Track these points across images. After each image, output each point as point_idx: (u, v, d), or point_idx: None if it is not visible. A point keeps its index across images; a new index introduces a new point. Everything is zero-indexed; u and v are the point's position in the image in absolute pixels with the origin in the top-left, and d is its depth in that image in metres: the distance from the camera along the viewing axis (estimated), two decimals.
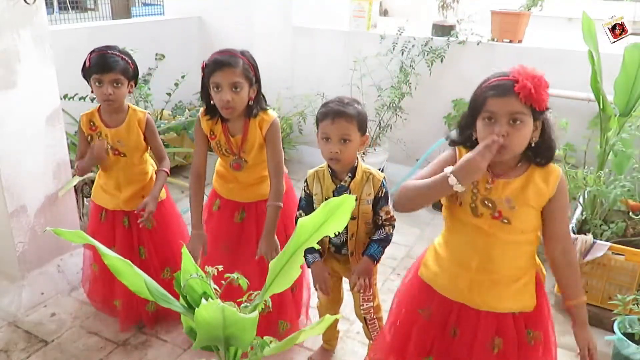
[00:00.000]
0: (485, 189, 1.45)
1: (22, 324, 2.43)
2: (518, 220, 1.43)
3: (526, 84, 1.33)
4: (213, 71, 1.88)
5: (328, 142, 1.79)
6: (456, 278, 1.53)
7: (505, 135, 1.35)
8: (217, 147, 2.07)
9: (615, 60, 2.60)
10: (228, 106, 1.89)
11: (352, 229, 1.87)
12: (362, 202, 1.84)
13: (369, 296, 1.97)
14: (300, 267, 1.40)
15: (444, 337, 1.58)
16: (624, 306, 2.17)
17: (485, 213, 1.45)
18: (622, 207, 2.67)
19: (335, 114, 1.76)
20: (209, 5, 4.58)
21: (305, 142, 4.28)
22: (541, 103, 1.35)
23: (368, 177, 1.84)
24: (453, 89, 3.72)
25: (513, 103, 1.35)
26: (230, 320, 1.28)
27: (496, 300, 1.50)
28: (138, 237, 2.31)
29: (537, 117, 1.39)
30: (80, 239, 1.41)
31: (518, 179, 1.44)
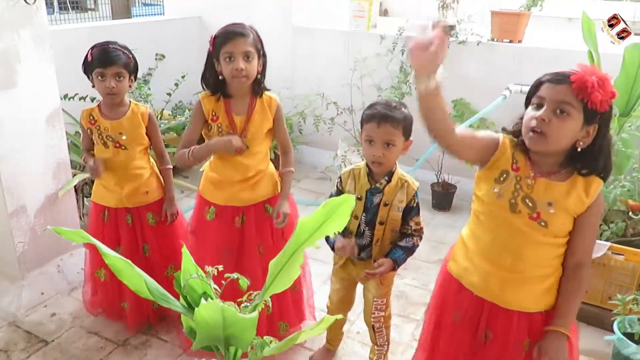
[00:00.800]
0: (527, 186, 1.40)
1: (22, 324, 2.43)
2: (555, 224, 1.39)
3: (583, 76, 1.28)
4: (225, 41, 1.88)
5: (372, 144, 1.78)
6: (487, 276, 1.48)
7: (546, 121, 1.31)
8: (218, 131, 2.00)
9: (615, 60, 2.60)
10: (242, 74, 1.89)
11: (379, 234, 1.85)
12: (393, 207, 1.82)
13: (382, 305, 1.97)
14: (300, 267, 1.40)
15: (475, 343, 1.53)
16: (624, 306, 2.17)
17: (524, 211, 1.40)
18: (622, 207, 2.67)
19: (381, 118, 1.74)
20: (209, 5, 4.58)
21: (305, 142, 4.28)
22: (594, 100, 1.28)
23: (403, 184, 1.83)
24: (453, 89, 3.71)
25: (564, 92, 1.30)
26: (230, 320, 1.28)
27: (527, 299, 1.46)
28: (142, 234, 2.31)
29: (590, 119, 1.32)
30: (81, 238, 1.41)
31: (562, 183, 1.39)
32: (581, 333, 2.44)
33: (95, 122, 2.20)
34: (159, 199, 2.33)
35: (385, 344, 2.06)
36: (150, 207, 2.30)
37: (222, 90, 1.98)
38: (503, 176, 1.43)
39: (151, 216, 2.31)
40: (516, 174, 1.42)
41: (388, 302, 2.00)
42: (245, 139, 2.00)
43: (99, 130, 2.20)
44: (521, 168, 1.42)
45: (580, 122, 1.31)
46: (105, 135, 2.19)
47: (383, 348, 2.07)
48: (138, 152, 2.24)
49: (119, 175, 2.23)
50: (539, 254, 1.43)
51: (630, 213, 2.61)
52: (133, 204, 2.26)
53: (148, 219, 2.30)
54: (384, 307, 1.98)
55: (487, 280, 1.48)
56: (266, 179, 2.12)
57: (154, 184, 2.31)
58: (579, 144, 1.34)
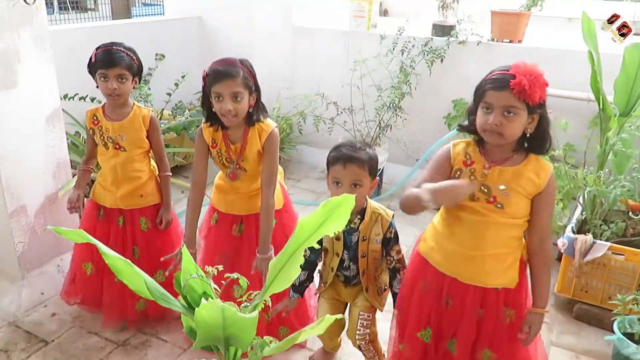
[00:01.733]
0: (481, 176, 1.58)
1: (22, 324, 2.43)
2: (510, 206, 1.56)
3: (521, 81, 1.44)
4: (213, 82, 1.90)
5: (339, 186, 1.80)
6: (450, 254, 1.66)
7: (498, 124, 1.49)
8: (218, 156, 2.08)
9: (615, 60, 2.60)
10: (230, 115, 1.92)
11: (363, 266, 1.91)
12: (371, 241, 1.88)
13: (368, 322, 1.97)
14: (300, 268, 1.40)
15: (439, 307, 1.72)
16: (624, 306, 2.17)
17: (481, 198, 1.58)
18: (622, 207, 2.67)
19: (347, 159, 1.77)
20: (209, 5, 4.58)
21: (305, 142, 4.28)
22: (534, 99, 1.45)
23: (377, 217, 1.87)
24: (453, 89, 3.72)
25: (508, 97, 1.47)
26: (230, 320, 1.29)
27: (484, 276, 1.63)
28: (133, 237, 2.31)
29: (532, 111, 1.50)
30: (81, 238, 1.41)
31: (512, 168, 1.56)
32: (581, 333, 2.45)
33: (98, 122, 2.22)
34: (153, 204, 2.32)
35: (375, 356, 2.05)
36: (144, 211, 2.30)
37: (219, 122, 2.02)
38: (457, 174, 1.63)
39: (144, 221, 2.30)
40: (470, 168, 1.61)
41: (374, 320, 2.00)
42: (242, 163, 2.06)
43: (101, 131, 2.21)
44: (475, 161, 1.61)
45: (525, 115, 1.50)
46: (107, 136, 2.20)
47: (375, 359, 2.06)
48: (137, 154, 2.24)
49: (116, 175, 2.23)
50: (498, 234, 1.59)
51: (630, 213, 2.61)
52: (127, 205, 2.27)
53: (141, 223, 2.30)
54: (369, 324, 1.97)
55: (448, 258, 1.67)
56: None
57: (151, 189, 2.30)
58: (527, 131, 1.54)
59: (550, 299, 2.64)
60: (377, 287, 1.96)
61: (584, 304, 2.52)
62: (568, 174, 2.63)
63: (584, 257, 2.41)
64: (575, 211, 2.76)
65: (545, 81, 1.48)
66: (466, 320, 1.68)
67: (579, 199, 2.72)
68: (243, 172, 2.07)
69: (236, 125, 2.02)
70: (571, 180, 2.64)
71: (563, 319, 2.56)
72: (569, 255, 2.47)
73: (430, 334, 1.76)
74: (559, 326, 2.51)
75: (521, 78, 1.44)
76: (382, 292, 1.99)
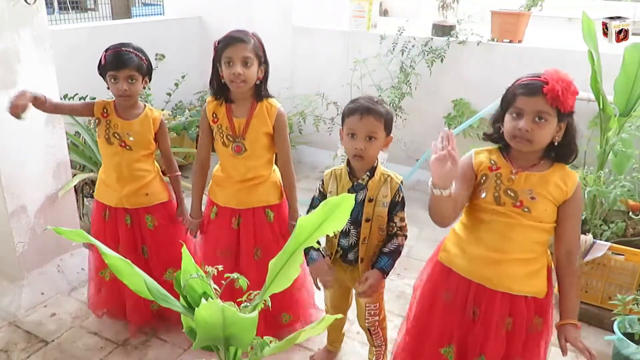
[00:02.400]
0: (508, 180, 1.55)
1: (22, 324, 2.43)
2: (537, 210, 1.53)
3: (554, 87, 1.43)
4: (226, 46, 1.93)
5: (354, 138, 1.76)
6: (474, 259, 1.60)
7: (529, 130, 1.46)
8: (219, 132, 2.06)
9: (615, 60, 2.60)
10: (239, 79, 1.93)
11: (365, 232, 1.83)
12: (377, 204, 1.81)
13: (375, 310, 1.96)
14: (299, 266, 1.40)
15: (464, 321, 1.65)
16: (624, 306, 2.17)
17: (507, 202, 1.55)
18: (622, 207, 2.67)
19: (364, 111, 1.74)
20: (209, 5, 4.58)
21: (305, 142, 4.28)
22: (566, 106, 1.44)
23: (386, 178, 1.82)
24: (453, 89, 3.72)
25: (540, 102, 1.45)
26: (230, 320, 1.28)
27: (511, 281, 1.57)
28: (141, 236, 2.31)
29: (561, 119, 1.48)
30: (81, 238, 1.41)
31: (539, 173, 1.54)
32: (581, 333, 2.45)
33: (107, 115, 2.19)
34: (159, 202, 2.31)
35: (382, 344, 2.06)
36: (149, 210, 2.29)
37: (225, 95, 2.03)
38: (483, 179, 1.60)
39: (149, 219, 2.29)
40: (495, 173, 1.58)
41: (381, 306, 1.99)
42: (244, 140, 2.04)
43: (108, 125, 2.18)
44: (501, 167, 1.58)
45: (555, 122, 1.48)
46: (113, 131, 2.17)
47: (381, 348, 2.07)
48: (142, 155, 2.23)
49: (120, 172, 2.21)
50: (524, 236, 1.55)
51: (630, 213, 2.60)
52: (132, 204, 2.25)
53: (147, 221, 2.30)
54: (377, 312, 1.96)
55: (474, 263, 1.61)
56: (267, 185, 2.14)
57: (156, 188, 2.29)
58: (555, 140, 1.51)
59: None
60: (372, 262, 1.86)
61: (584, 304, 2.52)
62: None
63: (584, 257, 2.41)
64: None
65: (576, 89, 1.46)
66: (494, 333, 1.60)
67: None
68: (244, 151, 2.06)
69: (242, 99, 2.02)
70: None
71: None
72: None
73: (453, 352, 1.67)
74: None
75: (554, 84, 1.43)
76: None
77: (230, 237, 2.16)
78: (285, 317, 2.25)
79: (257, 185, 2.11)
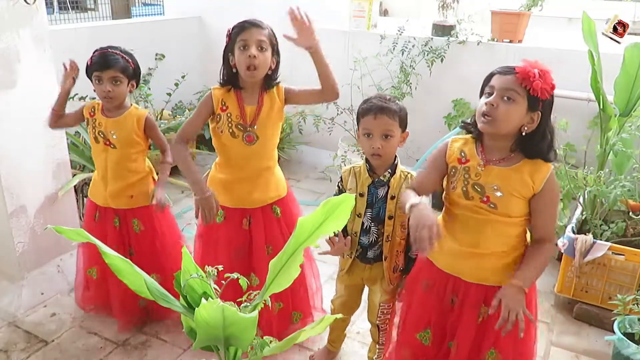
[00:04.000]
0: (476, 175, 1.57)
1: (22, 324, 2.43)
2: (504, 206, 1.55)
3: (526, 67, 1.46)
4: (241, 30, 1.93)
5: (370, 137, 1.78)
6: (451, 253, 1.64)
7: (494, 104, 1.48)
8: (227, 122, 1.99)
9: (615, 60, 2.60)
10: (253, 63, 1.91)
11: (389, 229, 1.82)
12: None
13: (389, 309, 1.96)
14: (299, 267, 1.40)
15: (442, 307, 1.70)
16: (624, 306, 2.17)
17: (475, 197, 1.58)
18: (622, 207, 2.67)
19: (378, 110, 1.76)
20: (209, 5, 4.58)
21: (305, 142, 4.27)
22: (536, 88, 1.45)
23: (406, 176, 1.83)
24: (453, 89, 3.72)
25: (510, 81, 1.48)
26: (230, 320, 1.29)
27: (487, 273, 1.62)
28: (128, 239, 2.31)
29: (533, 106, 1.49)
30: (81, 237, 1.41)
31: (507, 168, 1.55)
32: (581, 333, 2.45)
33: (93, 114, 2.22)
34: (144, 205, 2.29)
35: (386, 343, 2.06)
36: (135, 212, 2.29)
37: (234, 83, 2.00)
38: (452, 171, 1.64)
39: (136, 222, 2.30)
40: (464, 166, 1.60)
41: (394, 308, 1.96)
42: (255, 129, 2.01)
43: (94, 124, 2.21)
44: (470, 159, 1.60)
45: (525, 107, 1.48)
46: (98, 130, 2.20)
47: (383, 347, 2.06)
48: (133, 153, 2.22)
49: (105, 171, 2.23)
50: (496, 231, 1.58)
51: (631, 213, 2.60)
52: (117, 205, 2.26)
53: (133, 225, 2.30)
54: (389, 311, 1.96)
55: (450, 257, 1.66)
56: (275, 180, 2.13)
57: (142, 190, 2.27)
58: (523, 129, 1.51)
59: (550, 299, 2.65)
60: (394, 265, 1.87)
61: (584, 304, 2.52)
62: (568, 174, 2.63)
63: (584, 257, 2.41)
64: (575, 211, 2.76)
65: (553, 81, 1.48)
66: (466, 320, 1.65)
67: (579, 199, 2.72)
68: (257, 139, 2.01)
69: (251, 87, 2.00)
70: (571, 180, 2.64)
71: (563, 319, 2.55)
72: (569, 255, 2.47)
73: (429, 336, 1.73)
74: (559, 326, 2.51)
75: (527, 66, 1.46)
76: (397, 271, 1.89)
77: (242, 237, 2.13)
78: (296, 316, 2.25)
79: (268, 179, 2.09)
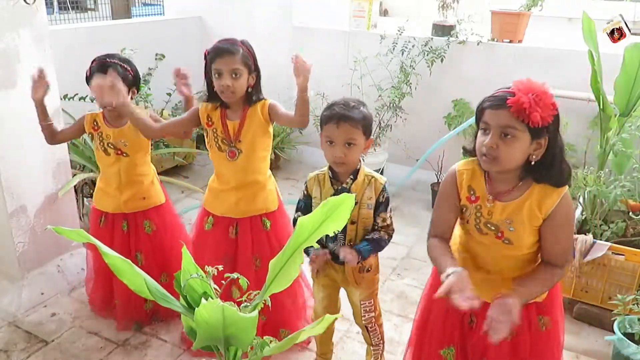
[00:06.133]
0: (488, 213, 1.50)
1: (22, 324, 2.43)
2: (518, 240, 1.48)
3: (520, 98, 1.32)
4: (214, 58, 1.94)
5: (332, 145, 1.75)
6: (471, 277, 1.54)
7: (494, 147, 1.37)
8: (213, 136, 2.06)
9: (615, 60, 2.60)
10: (228, 91, 1.94)
11: (351, 234, 1.82)
12: (362, 205, 1.79)
13: (370, 307, 1.96)
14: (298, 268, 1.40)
15: (462, 326, 1.64)
16: (624, 306, 2.17)
17: (490, 233, 1.52)
18: (622, 207, 2.67)
19: (340, 118, 1.71)
20: (209, 5, 4.58)
21: (305, 142, 4.28)
22: (534, 119, 1.32)
23: (370, 180, 1.81)
24: (453, 89, 3.72)
25: (504, 116, 1.35)
26: (230, 320, 1.29)
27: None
28: (135, 242, 2.32)
29: (536, 135, 1.37)
30: (81, 238, 1.41)
31: (514, 202, 1.47)
32: (581, 333, 2.45)
33: (98, 128, 2.22)
34: (156, 205, 2.33)
35: (380, 343, 2.05)
36: (147, 214, 2.31)
37: (220, 100, 2.03)
38: (464, 209, 1.56)
39: (148, 224, 2.32)
40: (475, 205, 1.52)
41: (376, 303, 1.98)
42: (240, 143, 2.04)
43: (101, 137, 2.21)
44: (480, 197, 1.52)
45: (528, 139, 1.37)
46: (107, 142, 2.21)
47: (379, 347, 2.06)
48: (139, 158, 2.25)
49: (119, 180, 2.24)
50: (513, 263, 1.54)
51: (631, 213, 2.60)
52: (130, 209, 2.28)
53: (145, 226, 2.31)
54: (372, 308, 1.96)
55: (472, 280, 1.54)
56: (264, 193, 2.14)
57: (152, 190, 2.32)
58: (532, 158, 1.40)
59: None
60: (359, 266, 1.84)
61: (584, 304, 2.52)
62: None
63: (584, 257, 2.41)
64: (575, 211, 2.76)
65: (552, 101, 1.36)
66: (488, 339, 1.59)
67: (579, 199, 2.72)
68: (240, 153, 2.06)
69: (235, 105, 2.03)
70: (571, 180, 2.64)
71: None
72: None
73: (453, 354, 1.67)
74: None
75: (520, 95, 1.32)
76: (363, 272, 1.87)
77: (228, 247, 2.16)
78: (284, 333, 2.23)
79: (255, 192, 2.11)
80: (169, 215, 2.40)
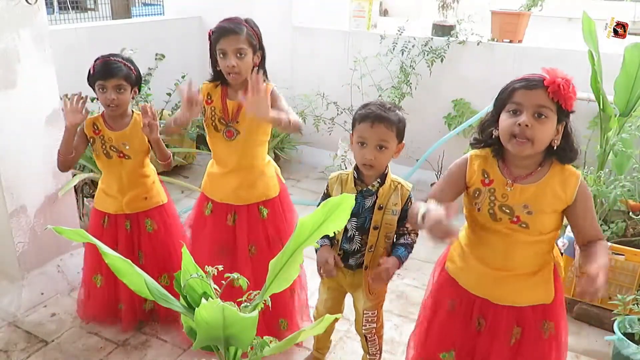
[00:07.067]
0: (502, 196, 1.48)
1: (22, 324, 2.43)
2: (536, 224, 1.47)
3: (556, 79, 1.36)
4: (218, 38, 1.93)
5: (363, 146, 1.70)
6: (480, 275, 1.58)
7: (529, 125, 1.37)
8: (211, 115, 2.04)
9: (615, 60, 2.60)
10: (233, 71, 1.93)
11: (373, 240, 1.77)
12: (387, 211, 1.75)
13: (373, 317, 1.91)
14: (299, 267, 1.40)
15: (468, 330, 1.63)
16: (624, 306, 2.17)
17: (504, 218, 1.49)
18: (622, 207, 2.67)
19: (375, 118, 1.67)
20: (209, 5, 4.58)
21: (305, 142, 4.28)
22: (567, 101, 1.37)
23: (396, 186, 1.76)
24: (453, 89, 3.72)
25: (541, 96, 1.38)
26: (230, 320, 1.28)
27: (516, 295, 1.55)
28: (138, 241, 2.32)
29: (561, 118, 1.41)
30: (81, 238, 1.41)
31: (535, 184, 1.46)
32: (581, 333, 2.45)
33: (99, 131, 2.21)
34: (157, 205, 2.33)
35: (377, 353, 2.01)
36: (149, 213, 2.31)
37: (222, 79, 2.02)
38: (476, 193, 1.53)
39: (149, 223, 2.32)
40: (488, 188, 1.50)
41: (379, 315, 1.93)
42: (237, 124, 2.02)
43: (103, 140, 2.20)
44: (494, 180, 1.50)
45: (555, 122, 1.40)
46: (109, 145, 2.20)
47: (375, 357, 2.02)
48: (144, 158, 2.26)
49: (122, 182, 2.24)
50: (526, 252, 1.52)
51: (631, 213, 2.60)
52: (132, 209, 2.28)
53: (146, 225, 2.31)
54: (374, 319, 1.91)
55: (480, 279, 1.59)
56: (264, 179, 2.13)
57: (154, 190, 2.32)
58: (554, 143, 1.43)
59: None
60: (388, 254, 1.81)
61: (584, 304, 2.52)
62: None
63: None
64: None
65: (575, 90, 1.40)
66: (499, 344, 1.58)
67: None
68: (237, 134, 2.03)
69: (239, 84, 2.00)
70: None
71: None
72: (569, 255, 2.47)
73: (453, 358, 1.66)
74: None
75: (555, 78, 1.36)
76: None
77: (226, 234, 2.15)
78: (283, 324, 2.23)
79: (254, 179, 2.10)
80: (170, 215, 2.40)
